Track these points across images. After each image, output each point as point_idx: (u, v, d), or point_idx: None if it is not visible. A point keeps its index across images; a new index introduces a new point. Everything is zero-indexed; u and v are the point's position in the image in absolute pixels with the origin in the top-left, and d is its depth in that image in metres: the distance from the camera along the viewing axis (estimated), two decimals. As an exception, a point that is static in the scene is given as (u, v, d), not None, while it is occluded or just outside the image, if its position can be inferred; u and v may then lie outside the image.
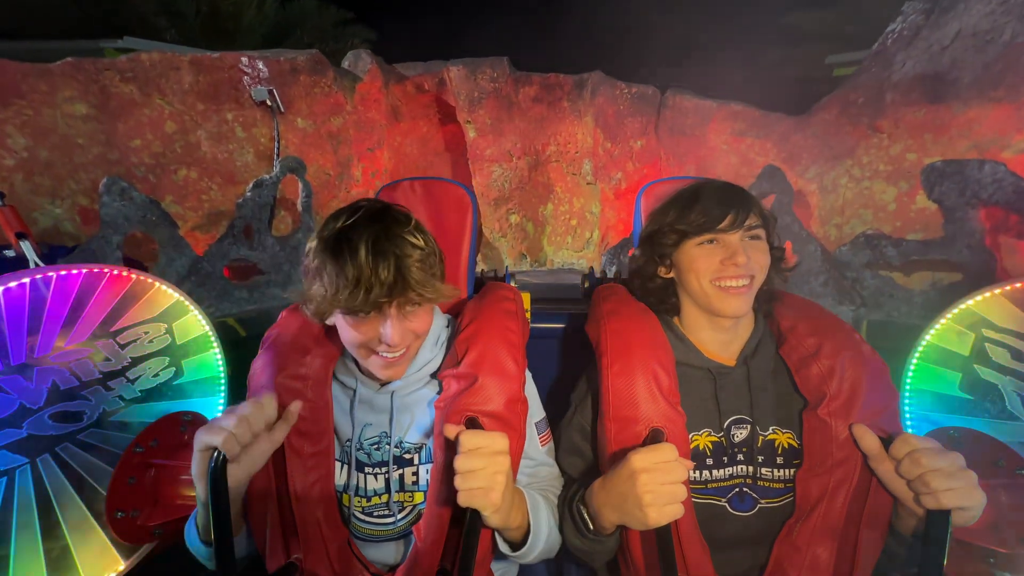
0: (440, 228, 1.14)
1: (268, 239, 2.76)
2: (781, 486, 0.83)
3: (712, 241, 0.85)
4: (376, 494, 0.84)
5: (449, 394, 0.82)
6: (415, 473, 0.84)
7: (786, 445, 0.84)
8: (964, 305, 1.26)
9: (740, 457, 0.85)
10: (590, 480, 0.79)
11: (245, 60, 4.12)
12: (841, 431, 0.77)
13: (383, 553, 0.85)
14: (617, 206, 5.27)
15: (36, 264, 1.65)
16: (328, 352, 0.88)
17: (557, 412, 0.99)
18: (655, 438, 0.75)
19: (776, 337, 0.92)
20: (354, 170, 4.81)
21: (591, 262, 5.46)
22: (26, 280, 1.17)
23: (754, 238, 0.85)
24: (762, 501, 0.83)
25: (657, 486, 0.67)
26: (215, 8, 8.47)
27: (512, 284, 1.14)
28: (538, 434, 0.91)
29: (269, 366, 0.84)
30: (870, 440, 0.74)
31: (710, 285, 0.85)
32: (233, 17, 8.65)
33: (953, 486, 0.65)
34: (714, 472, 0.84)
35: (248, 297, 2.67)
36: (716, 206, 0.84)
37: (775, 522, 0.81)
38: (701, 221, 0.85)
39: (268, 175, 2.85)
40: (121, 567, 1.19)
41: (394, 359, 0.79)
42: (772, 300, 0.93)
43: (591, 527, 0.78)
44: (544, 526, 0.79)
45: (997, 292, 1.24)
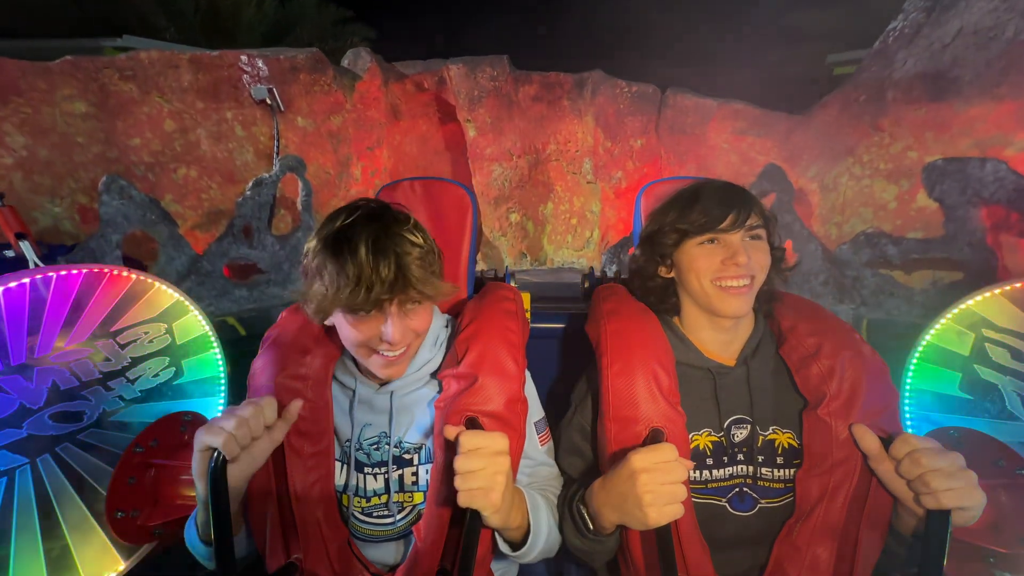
0: (440, 228, 1.14)
1: (268, 238, 2.76)
2: (781, 486, 0.83)
3: (713, 241, 0.85)
4: (376, 494, 0.84)
5: (449, 394, 0.82)
6: (415, 473, 0.84)
7: (786, 445, 0.84)
8: (964, 305, 1.26)
9: (740, 457, 0.85)
10: (590, 480, 0.79)
11: (244, 58, 4.11)
12: (841, 431, 0.77)
13: (383, 553, 0.85)
14: (617, 205, 5.27)
15: (36, 265, 1.65)
16: (328, 352, 0.88)
17: (557, 412, 0.99)
18: (655, 438, 0.75)
19: (776, 337, 0.92)
20: (354, 169, 4.80)
21: (591, 261, 5.45)
22: (26, 280, 1.17)
23: (755, 238, 0.85)
24: (762, 501, 0.83)
25: (657, 486, 0.67)
26: (214, 6, 8.45)
27: (512, 284, 1.14)
28: (537, 434, 0.91)
29: (269, 366, 0.84)
30: (870, 440, 0.74)
31: (711, 285, 0.85)
32: (232, 15, 8.64)
33: (953, 486, 0.65)
34: (714, 472, 0.84)
35: (248, 296, 2.67)
36: (717, 206, 0.84)
37: (775, 522, 0.81)
38: (702, 221, 0.85)
39: (268, 174, 2.84)
40: (121, 567, 1.19)
41: (395, 358, 0.79)
42: (772, 300, 0.93)
43: (591, 527, 0.78)
44: (544, 526, 0.79)
45: (997, 292, 1.24)
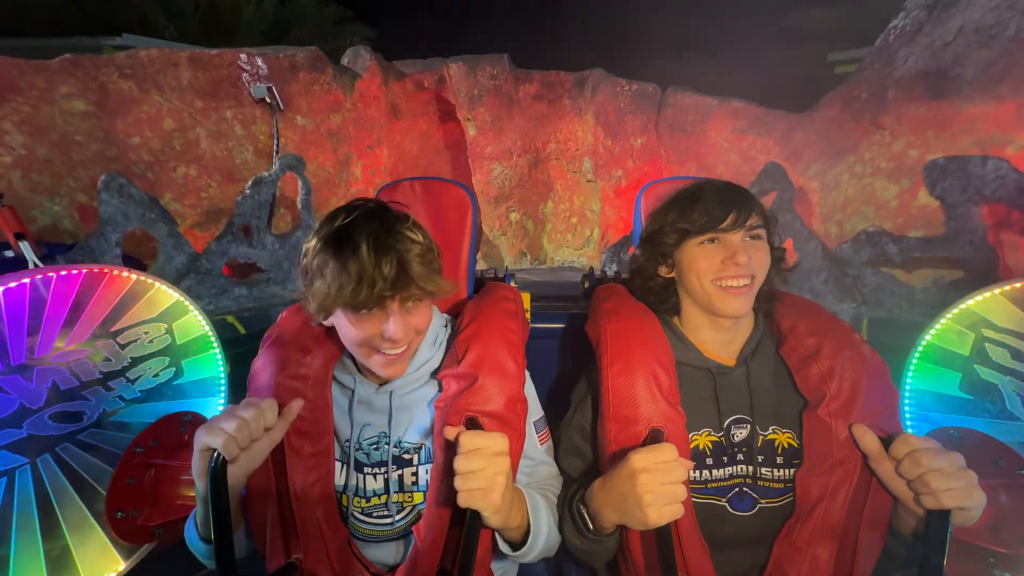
0: (440, 228, 1.14)
1: (267, 237, 2.76)
2: (781, 486, 0.83)
3: (713, 241, 0.85)
4: (375, 494, 0.84)
5: (449, 394, 0.82)
6: (414, 473, 0.84)
7: (786, 445, 0.84)
8: (964, 305, 1.26)
9: (740, 457, 0.85)
10: (590, 480, 0.79)
11: (244, 57, 4.11)
12: (841, 431, 0.77)
13: (383, 553, 0.85)
14: (617, 204, 5.27)
15: (35, 265, 1.64)
16: (328, 352, 0.88)
17: (557, 412, 0.99)
18: (655, 438, 0.75)
19: (776, 337, 0.92)
20: (353, 168, 4.80)
21: (591, 260, 5.45)
22: (26, 280, 1.17)
23: (755, 238, 0.85)
24: (762, 501, 0.83)
25: (657, 486, 0.67)
26: (214, 5, 8.45)
27: (512, 284, 1.13)
28: (536, 433, 0.91)
29: (269, 366, 0.84)
30: (870, 440, 0.74)
31: (711, 285, 0.84)
32: (232, 14, 8.63)
33: (953, 486, 0.65)
34: (714, 472, 0.84)
35: (247, 295, 2.67)
36: (718, 205, 0.84)
37: (775, 522, 0.81)
38: (703, 220, 0.84)
39: (267, 173, 2.84)
40: (121, 567, 1.19)
41: (396, 356, 0.79)
42: (772, 300, 0.93)
43: (591, 527, 0.78)
44: (544, 526, 0.79)
45: (997, 292, 1.23)
